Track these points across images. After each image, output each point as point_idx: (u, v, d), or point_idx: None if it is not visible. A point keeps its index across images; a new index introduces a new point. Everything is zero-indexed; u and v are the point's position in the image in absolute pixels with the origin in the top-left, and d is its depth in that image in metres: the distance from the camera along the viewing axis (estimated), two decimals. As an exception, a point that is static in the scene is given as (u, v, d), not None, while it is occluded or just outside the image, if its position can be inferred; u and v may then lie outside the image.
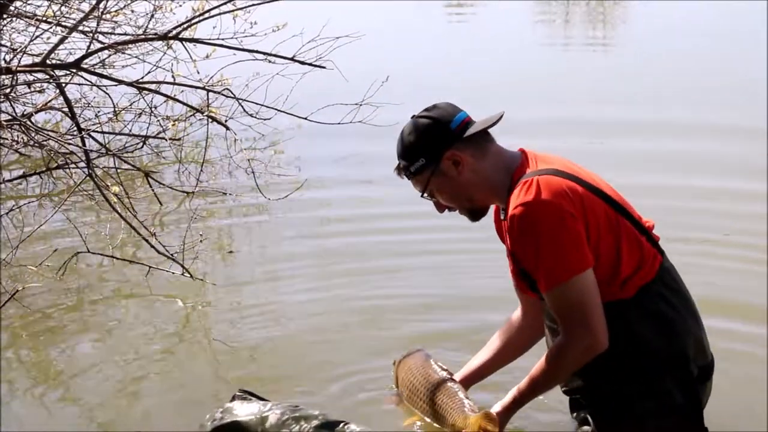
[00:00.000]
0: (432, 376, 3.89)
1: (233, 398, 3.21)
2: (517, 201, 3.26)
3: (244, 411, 3.10)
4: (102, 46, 6.26)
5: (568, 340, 3.32)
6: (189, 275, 5.50)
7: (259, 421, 3.03)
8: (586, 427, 3.50)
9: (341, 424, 2.95)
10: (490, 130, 3.50)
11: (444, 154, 3.42)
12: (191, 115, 6.54)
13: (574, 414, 3.57)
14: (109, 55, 6.91)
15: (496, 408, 3.51)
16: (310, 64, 5.89)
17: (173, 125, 6.31)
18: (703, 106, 10.44)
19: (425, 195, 3.53)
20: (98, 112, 6.93)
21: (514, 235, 3.34)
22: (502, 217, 3.52)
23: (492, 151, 3.45)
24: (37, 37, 6.39)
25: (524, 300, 3.77)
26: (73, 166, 6.01)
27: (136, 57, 6.95)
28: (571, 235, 3.22)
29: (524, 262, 3.39)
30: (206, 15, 5.88)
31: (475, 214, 3.55)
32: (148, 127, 6.65)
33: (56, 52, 6.02)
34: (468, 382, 3.90)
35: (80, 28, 6.22)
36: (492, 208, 3.60)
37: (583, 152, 7.99)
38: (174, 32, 5.91)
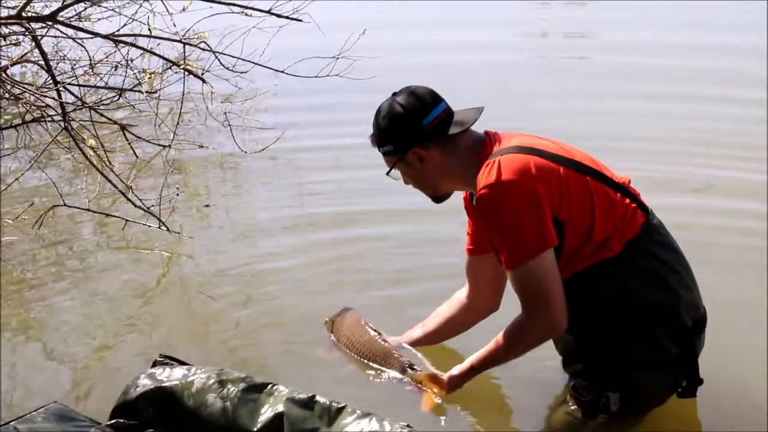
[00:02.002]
0: (366, 336, 4.02)
1: (154, 364, 3.12)
2: (481, 184, 3.30)
3: (167, 376, 3.00)
4: (78, -2, 6.21)
5: (527, 320, 3.38)
6: (166, 228, 5.51)
7: (184, 386, 2.94)
8: (579, 380, 3.52)
9: (269, 386, 2.90)
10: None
11: (411, 149, 3.46)
12: (168, 68, 6.49)
13: (567, 368, 3.61)
14: (85, 8, 6.83)
15: (453, 372, 3.59)
16: (286, 17, 5.84)
17: (149, 78, 6.27)
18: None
19: (391, 173, 3.58)
20: (74, 65, 6.87)
21: (481, 218, 3.43)
22: (473, 202, 3.57)
23: (462, 143, 3.47)
24: (12, -11, 6.34)
25: (472, 281, 3.87)
26: (49, 119, 5.99)
27: (112, 10, 6.88)
28: (533, 214, 3.26)
29: (492, 241, 3.45)
30: (182, -33, 5.85)
31: (437, 199, 3.63)
32: (124, 81, 6.61)
33: (32, 4, 5.98)
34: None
35: (56, -20, 6.18)
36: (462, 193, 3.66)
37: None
38: (150, -16, 5.87)
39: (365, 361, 3.99)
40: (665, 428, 3.56)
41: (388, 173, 3.59)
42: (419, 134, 3.45)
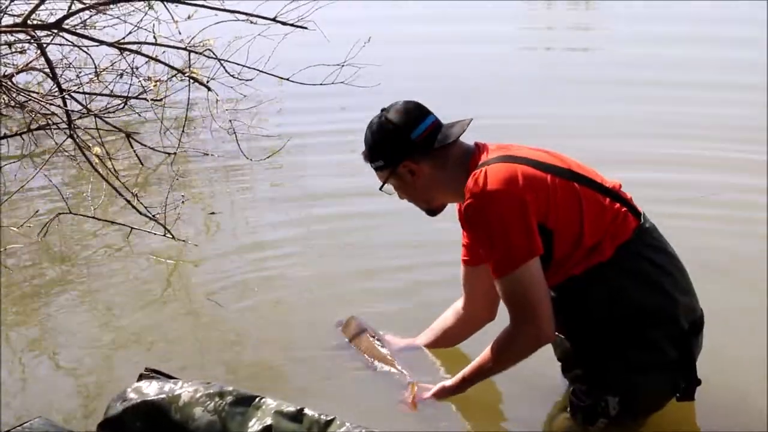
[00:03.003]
0: (367, 342, 4.18)
1: (140, 377, 3.09)
2: (468, 194, 3.32)
3: (154, 390, 2.98)
4: (83, 6, 6.22)
5: (515, 330, 3.39)
6: (171, 236, 5.51)
7: (171, 399, 2.92)
8: (578, 384, 3.51)
9: (257, 399, 2.89)
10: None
11: (401, 162, 3.49)
12: (173, 76, 6.51)
13: (566, 373, 3.62)
14: (91, 16, 6.87)
15: (446, 383, 3.64)
16: (291, 25, 5.87)
17: (155, 86, 6.29)
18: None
19: (384, 188, 3.60)
20: (79, 72, 6.90)
21: (468, 227, 3.46)
22: None
23: (453, 155, 3.49)
24: (18, -3, 6.37)
25: (468, 291, 3.91)
26: (55, 127, 6.01)
27: (117, 17, 6.92)
28: (520, 223, 3.26)
29: (480, 251, 3.47)
30: (187, -25, 5.85)
31: (431, 212, 3.65)
32: (129, 88, 6.63)
33: (37, 12, 6.00)
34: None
35: (61, -13, 6.19)
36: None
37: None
38: (156, -8, 5.89)
39: (370, 359, 4.10)
40: (664, 431, 3.54)
41: (381, 188, 3.61)
42: (409, 148, 3.47)
